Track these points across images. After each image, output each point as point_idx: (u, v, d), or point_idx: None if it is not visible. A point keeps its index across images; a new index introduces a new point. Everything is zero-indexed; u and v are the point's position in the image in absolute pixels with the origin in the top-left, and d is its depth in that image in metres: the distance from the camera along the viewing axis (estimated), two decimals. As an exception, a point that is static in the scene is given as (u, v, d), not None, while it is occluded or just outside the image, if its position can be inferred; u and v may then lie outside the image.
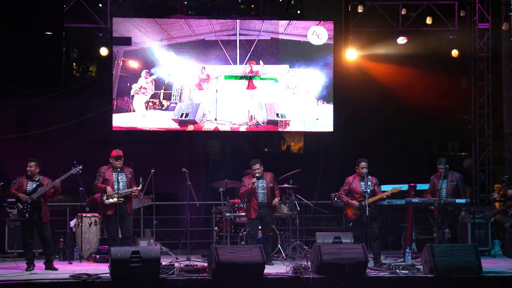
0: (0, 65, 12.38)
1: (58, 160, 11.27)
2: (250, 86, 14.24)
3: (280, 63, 14.29)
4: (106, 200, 11.07)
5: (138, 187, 11.27)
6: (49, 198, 11.07)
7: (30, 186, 10.93)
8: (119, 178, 11.20)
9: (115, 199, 11.04)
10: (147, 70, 14.04)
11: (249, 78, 14.24)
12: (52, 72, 12.62)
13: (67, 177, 10.98)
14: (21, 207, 10.80)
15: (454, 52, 14.42)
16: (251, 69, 14.16)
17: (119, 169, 11.24)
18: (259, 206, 11.63)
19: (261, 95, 14.24)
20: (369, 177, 11.37)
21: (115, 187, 11.14)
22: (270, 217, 11.86)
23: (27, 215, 10.80)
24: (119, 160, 11.24)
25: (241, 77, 14.22)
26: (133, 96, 14.00)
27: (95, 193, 12.73)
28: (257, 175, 11.63)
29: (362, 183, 11.35)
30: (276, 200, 11.85)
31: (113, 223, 11.12)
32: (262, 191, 11.69)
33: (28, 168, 10.97)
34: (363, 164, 11.40)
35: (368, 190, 11.25)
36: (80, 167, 11.06)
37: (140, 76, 14.04)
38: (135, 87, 14.01)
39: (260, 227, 11.81)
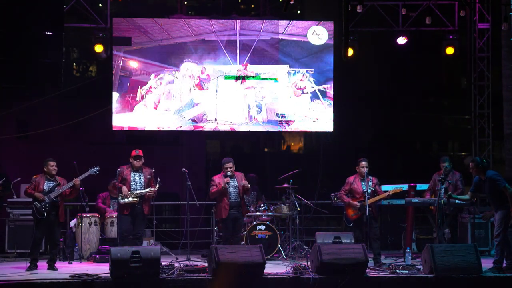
0: (0, 65, 12.39)
1: (58, 160, 11.24)
2: (249, 86, 14.23)
3: (280, 63, 14.29)
4: (121, 200, 11.08)
5: (155, 187, 11.26)
6: (65, 197, 11.13)
7: (47, 185, 10.97)
8: (136, 178, 11.21)
9: (130, 199, 11.06)
10: (155, 73, 14.02)
11: (249, 78, 14.22)
12: (52, 72, 12.63)
13: (85, 177, 11.03)
14: (39, 205, 10.83)
15: (450, 50, 14.38)
16: (246, 69, 14.16)
17: (138, 169, 11.25)
18: (230, 206, 11.39)
19: (261, 95, 14.24)
20: (370, 177, 11.36)
21: (132, 187, 11.16)
22: (242, 217, 11.65)
23: (45, 214, 10.84)
24: (138, 160, 11.25)
25: (241, 77, 14.21)
26: (143, 96, 13.98)
27: (100, 200, 12.81)
28: (229, 173, 11.38)
29: (363, 183, 11.34)
30: (245, 182, 11.52)
31: (126, 223, 11.13)
32: (234, 190, 11.45)
33: (53, 168, 11.00)
34: (363, 163, 11.38)
35: (369, 190, 11.25)
36: (97, 168, 11.08)
37: (150, 79, 14.00)
38: (145, 88, 13.99)
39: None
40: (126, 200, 11.07)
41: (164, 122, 14.08)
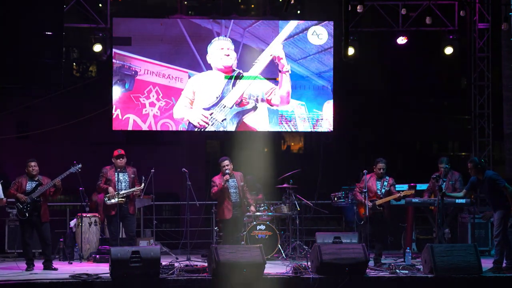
0: (0, 65, 12.41)
1: (58, 160, 11.27)
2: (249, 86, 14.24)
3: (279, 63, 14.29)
4: (108, 201, 11.07)
5: (140, 186, 11.26)
6: (49, 197, 11.07)
7: (30, 185, 10.92)
8: (121, 178, 11.20)
9: (117, 200, 11.04)
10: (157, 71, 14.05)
11: (249, 78, 14.22)
12: (52, 72, 12.65)
13: (67, 175, 10.98)
14: (21, 206, 10.81)
15: (449, 50, 14.36)
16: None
17: (121, 169, 11.24)
18: (232, 205, 11.39)
19: (261, 95, 14.22)
20: (386, 177, 11.38)
21: (117, 187, 11.16)
22: (242, 217, 11.64)
23: (26, 214, 10.80)
24: (120, 159, 11.23)
25: (241, 77, 14.19)
26: (147, 95, 14.01)
27: (96, 194, 12.77)
28: (227, 171, 11.33)
29: (378, 182, 11.35)
30: (253, 208, 11.66)
31: (115, 224, 11.14)
32: (234, 191, 11.45)
33: (32, 168, 10.94)
34: (380, 165, 11.33)
35: (383, 190, 11.29)
36: (79, 166, 11.04)
37: (163, 78, 14.02)
38: (149, 87, 14.03)
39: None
40: (113, 200, 11.06)
41: (165, 121, 14.07)
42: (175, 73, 14.07)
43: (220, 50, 14.06)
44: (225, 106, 13.92)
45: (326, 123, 14.28)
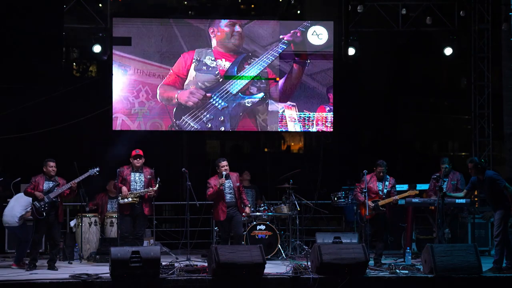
0: (0, 65, 12.41)
1: (58, 160, 11.24)
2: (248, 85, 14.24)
3: (279, 62, 14.28)
4: (121, 200, 11.10)
5: (155, 187, 11.27)
6: (64, 198, 11.14)
7: (47, 185, 10.95)
8: (137, 178, 11.22)
9: (130, 199, 11.06)
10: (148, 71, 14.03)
11: (249, 78, 14.22)
12: (52, 72, 12.66)
13: (84, 178, 11.02)
14: (39, 205, 10.83)
15: (449, 50, 14.35)
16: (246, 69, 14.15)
17: (138, 169, 11.26)
18: (227, 206, 11.31)
19: (261, 95, 14.23)
20: (388, 177, 11.39)
21: (132, 187, 11.17)
22: (240, 215, 11.46)
23: (44, 214, 10.83)
24: (138, 160, 11.25)
25: (241, 77, 14.20)
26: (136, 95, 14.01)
27: (96, 195, 12.79)
28: (224, 172, 11.26)
29: (379, 183, 11.35)
30: (248, 210, 11.56)
31: (126, 224, 11.15)
32: (229, 191, 11.34)
33: (52, 169, 10.98)
34: (380, 168, 11.33)
35: (385, 191, 11.31)
36: (97, 169, 11.07)
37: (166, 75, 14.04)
38: (139, 86, 14.02)
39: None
40: (125, 200, 11.08)
41: (165, 121, 14.08)
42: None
43: (231, 28, 13.97)
44: (228, 91, 13.89)
45: (325, 124, 14.27)
